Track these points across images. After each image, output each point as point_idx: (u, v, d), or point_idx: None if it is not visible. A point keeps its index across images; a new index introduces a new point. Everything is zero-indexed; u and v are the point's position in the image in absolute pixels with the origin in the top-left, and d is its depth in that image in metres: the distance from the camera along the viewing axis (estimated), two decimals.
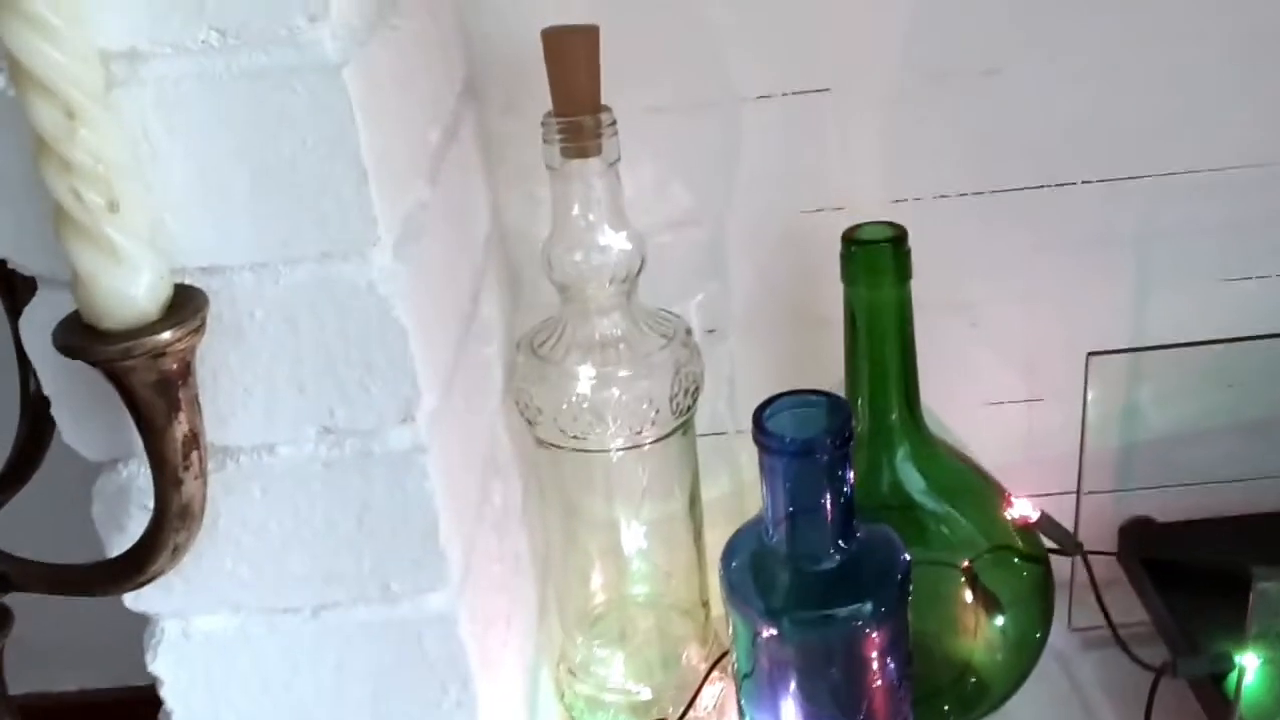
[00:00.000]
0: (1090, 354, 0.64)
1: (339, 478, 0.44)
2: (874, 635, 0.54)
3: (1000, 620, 0.66)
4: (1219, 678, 0.58)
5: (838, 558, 0.54)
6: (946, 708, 0.67)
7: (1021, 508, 0.63)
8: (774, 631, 0.54)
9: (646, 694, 0.66)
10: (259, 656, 0.47)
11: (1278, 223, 0.67)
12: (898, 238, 0.59)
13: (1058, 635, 0.70)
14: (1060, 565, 0.67)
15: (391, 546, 0.45)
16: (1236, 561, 0.63)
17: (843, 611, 0.53)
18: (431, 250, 0.48)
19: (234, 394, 0.43)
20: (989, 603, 0.67)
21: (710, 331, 0.70)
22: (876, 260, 0.59)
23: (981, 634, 0.67)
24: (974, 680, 0.67)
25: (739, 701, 0.59)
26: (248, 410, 0.44)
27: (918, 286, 0.62)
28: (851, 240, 0.60)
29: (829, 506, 0.53)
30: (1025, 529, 0.65)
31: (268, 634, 0.47)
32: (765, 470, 0.53)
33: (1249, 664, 0.57)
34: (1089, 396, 0.66)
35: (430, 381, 0.45)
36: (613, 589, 0.68)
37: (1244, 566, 0.64)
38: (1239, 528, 0.69)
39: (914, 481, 0.65)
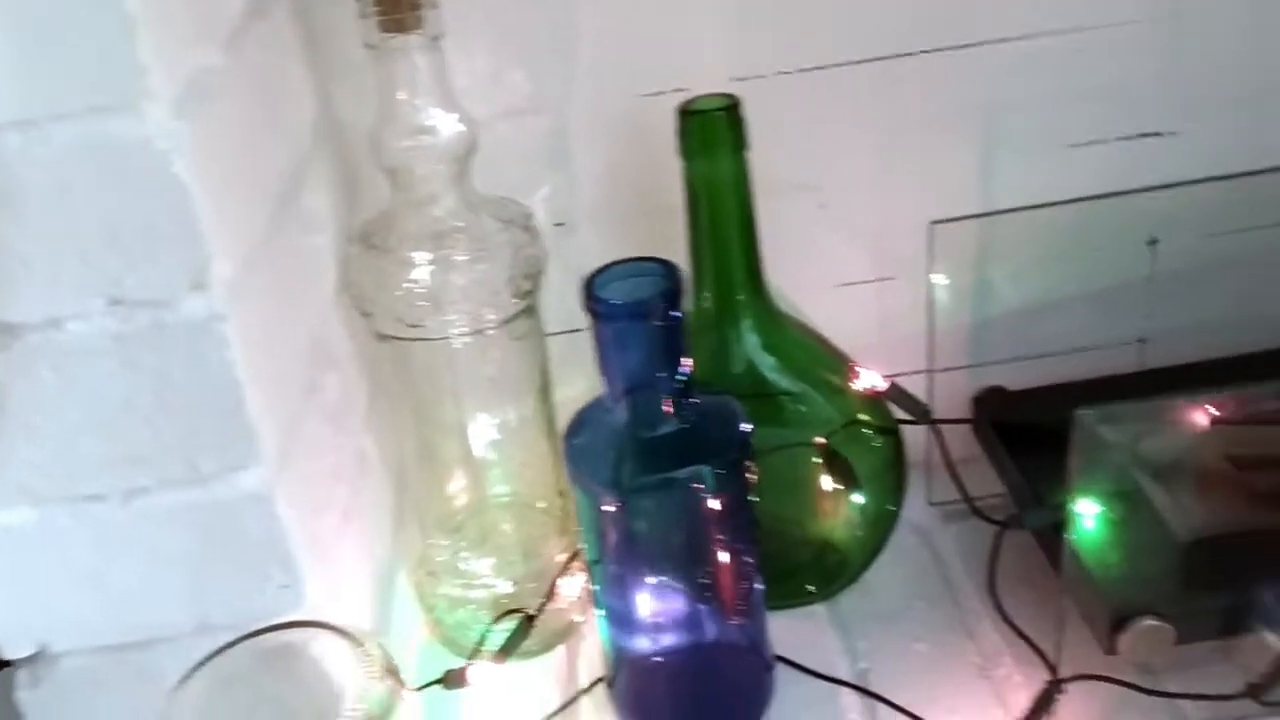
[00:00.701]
0: (933, 223, 0.65)
1: (133, 352, 0.42)
2: (715, 501, 0.54)
3: (858, 495, 0.67)
4: (1059, 527, 0.59)
5: (675, 424, 0.53)
6: (808, 585, 0.68)
7: (869, 378, 0.63)
8: (615, 503, 0.54)
9: (508, 588, 0.65)
10: (68, 549, 0.45)
11: (1122, 86, 0.68)
12: (732, 106, 0.59)
13: (918, 510, 0.71)
14: (920, 444, 0.68)
15: (195, 423, 0.43)
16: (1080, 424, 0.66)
17: (681, 474, 0.52)
18: (225, 116, 0.46)
19: (12, 266, 0.41)
20: (846, 478, 0.67)
21: (559, 225, 0.69)
22: (711, 130, 0.58)
23: (840, 510, 0.67)
24: (834, 556, 0.68)
25: (592, 588, 0.59)
26: (29, 283, 0.41)
27: (764, 168, 0.61)
28: (685, 111, 0.59)
29: (663, 371, 0.52)
30: (876, 400, 0.65)
31: (75, 525, 0.45)
32: (598, 338, 0.52)
33: (1084, 509, 0.59)
34: (934, 267, 0.66)
35: (225, 248, 0.43)
36: (471, 489, 0.67)
37: (1089, 429, 0.66)
38: (1089, 390, 0.69)
39: (765, 361, 0.64)
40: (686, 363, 0.53)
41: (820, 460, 0.66)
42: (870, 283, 0.71)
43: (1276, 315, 0.70)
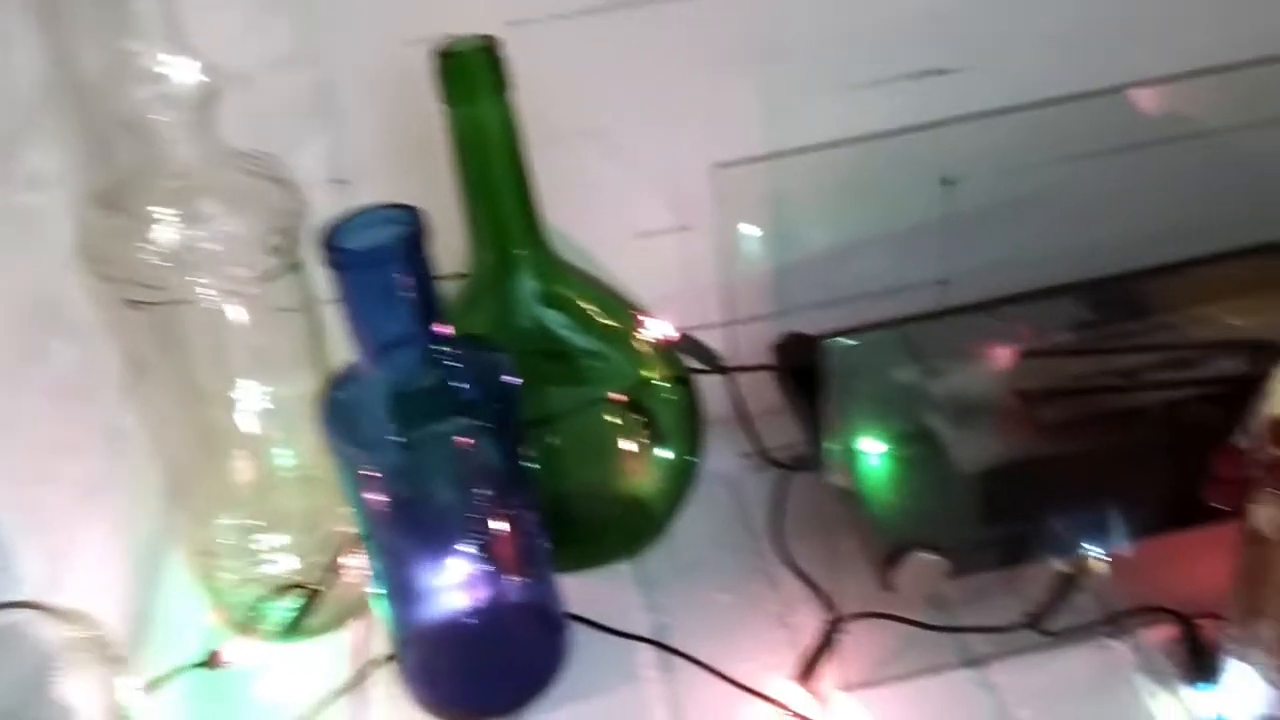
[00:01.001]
0: (714, 166, 0.63)
1: None
2: (481, 458, 0.52)
3: (661, 449, 0.65)
4: (844, 468, 0.58)
5: (434, 379, 0.51)
6: (615, 544, 0.67)
7: (658, 328, 0.62)
8: (373, 465, 0.51)
9: (295, 565, 0.62)
10: None
11: (902, 23, 0.66)
12: (488, 45, 0.56)
13: (729, 461, 0.70)
14: (730, 395, 0.68)
15: None
16: (875, 366, 0.64)
17: (439, 429, 0.50)
18: None
19: None
20: (648, 432, 0.66)
21: (338, 182, 0.66)
22: (469, 71, 0.56)
23: (643, 465, 0.66)
24: (640, 512, 0.66)
25: (370, 565, 0.57)
26: None
27: (548, 116, 0.59)
28: (441, 54, 0.57)
29: (413, 323, 0.50)
30: (669, 351, 0.64)
31: None
32: (341, 292, 0.49)
33: (869, 448, 0.58)
34: (726, 213, 0.65)
35: None
36: (252, 464, 0.63)
37: (881, 370, 0.65)
38: (893, 334, 0.68)
39: (553, 317, 0.62)
40: (440, 312, 0.51)
41: (620, 416, 0.65)
42: (669, 232, 0.69)
43: (1073, 249, 0.71)
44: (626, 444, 0.64)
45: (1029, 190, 0.71)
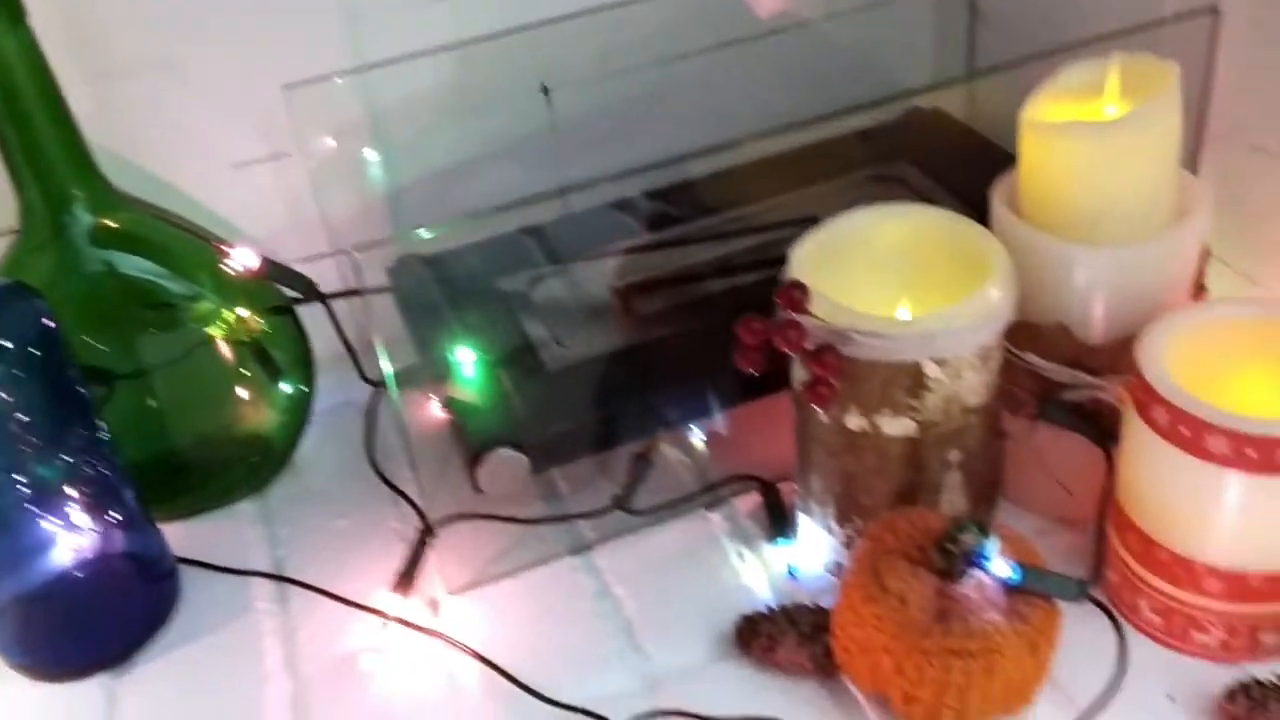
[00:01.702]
0: (285, 86, 0.62)
1: None
2: (23, 406, 0.49)
3: (272, 382, 0.64)
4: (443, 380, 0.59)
5: None
6: (237, 483, 0.65)
7: (242, 257, 0.60)
8: None
9: None
10: None
11: None
12: None
13: (360, 388, 0.69)
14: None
15: None
16: (483, 280, 0.65)
17: None
18: None
19: None
20: (258, 367, 0.65)
21: None
22: None
23: (256, 401, 0.65)
24: (259, 448, 0.65)
25: None
26: None
27: (114, 47, 0.56)
28: None
29: None
30: (263, 281, 0.63)
31: None
32: None
33: (462, 357, 0.59)
34: (313, 135, 0.64)
35: None
36: None
37: (488, 283, 0.66)
38: (499, 247, 0.68)
39: (127, 261, 0.59)
40: None
41: (225, 354, 0.63)
42: (264, 162, 0.67)
43: (679, 148, 0.73)
44: (235, 382, 0.63)
45: (632, 93, 0.73)
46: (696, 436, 0.63)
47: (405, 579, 0.55)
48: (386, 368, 0.52)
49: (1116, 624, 0.48)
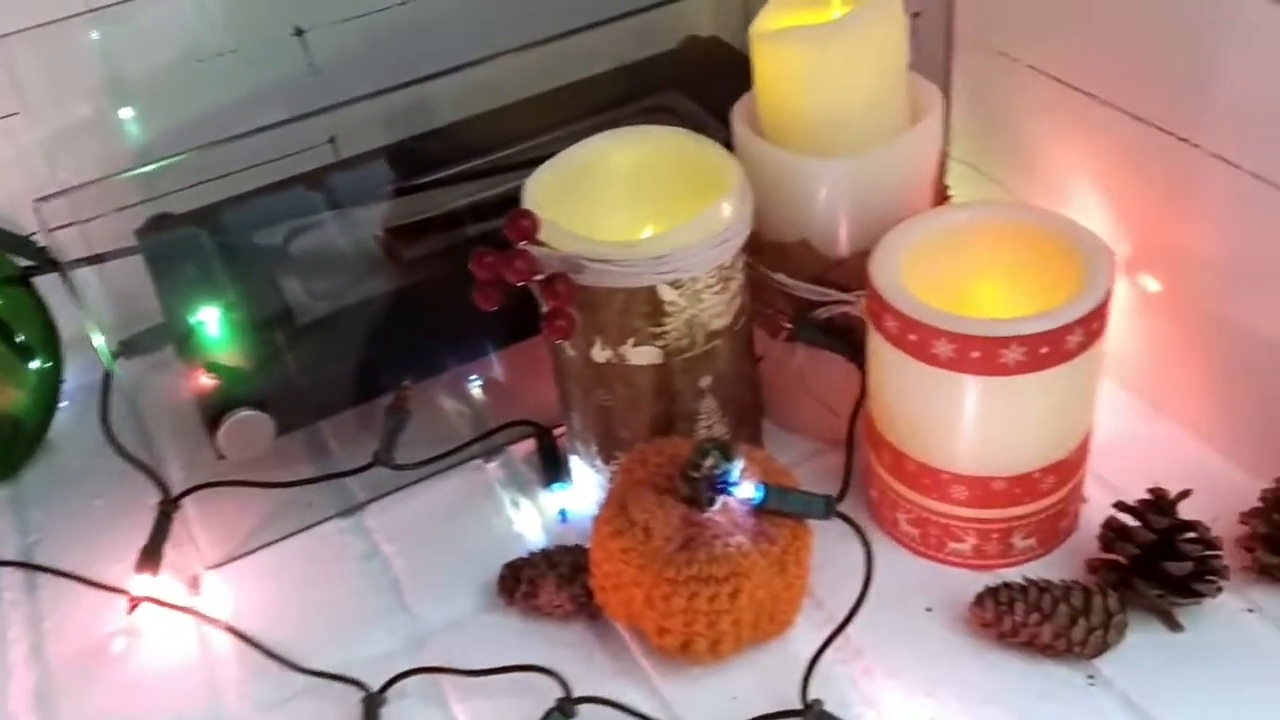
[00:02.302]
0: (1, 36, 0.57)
1: None
2: None
3: (26, 360, 0.60)
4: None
5: None
6: None
7: None
8: None
9: None
10: None
11: None
12: None
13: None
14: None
15: None
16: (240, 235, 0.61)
17: None
18: None
19: None
20: (13, 346, 0.60)
21: None
22: None
23: (11, 380, 0.61)
24: (10, 425, 0.61)
25: None
26: None
27: None
28: None
29: None
30: None
31: None
32: None
33: (207, 317, 0.56)
34: (29, 95, 0.59)
35: None
36: None
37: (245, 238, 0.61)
38: (263, 200, 0.64)
39: None
40: None
41: None
42: None
43: (442, 93, 0.70)
44: None
45: (387, 35, 0.70)
46: (472, 384, 0.61)
47: (149, 556, 0.52)
48: (97, 340, 0.49)
49: (864, 537, 0.47)
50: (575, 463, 0.55)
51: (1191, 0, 0.45)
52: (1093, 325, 0.44)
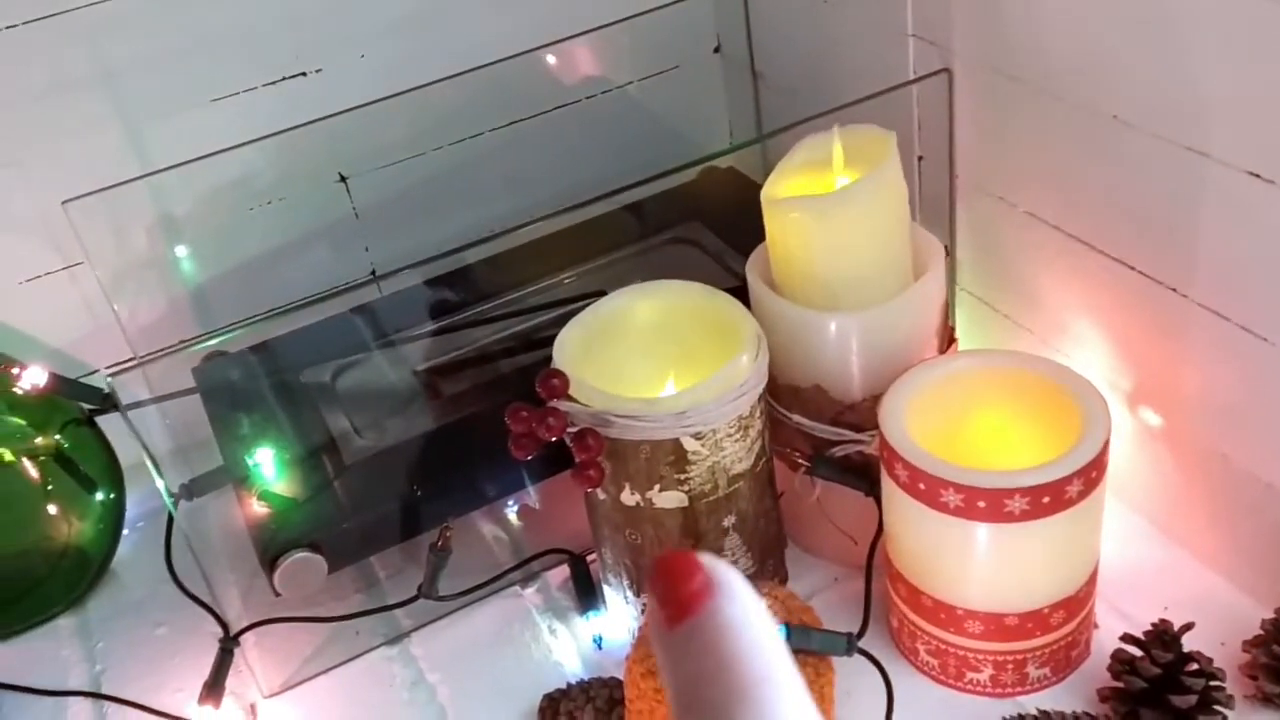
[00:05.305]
0: (64, 202, 0.62)
1: None
2: None
3: (81, 494, 0.64)
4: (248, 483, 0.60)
5: None
6: (53, 596, 0.64)
7: (32, 376, 0.60)
8: None
9: None
10: None
11: (249, 33, 0.67)
12: None
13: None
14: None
15: None
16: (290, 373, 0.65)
17: None
18: None
19: None
20: (78, 479, 0.64)
21: None
22: None
23: (66, 513, 0.64)
24: (73, 560, 0.64)
25: None
26: None
27: None
28: None
29: None
30: (53, 397, 0.62)
31: None
32: None
33: (262, 456, 0.59)
34: (90, 245, 0.63)
35: None
36: None
37: (294, 376, 0.64)
38: (307, 337, 0.67)
39: None
40: None
41: (30, 471, 0.63)
42: (57, 272, 0.67)
43: (481, 225, 0.74)
44: (42, 497, 0.63)
45: (426, 175, 0.74)
46: (508, 513, 0.64)
47: (211, 691, 0.55)
48: (159, 483, 0.53)
49: (884, 674, 0.50)
50: (608, 591, 0.58)
51: (1175, 165, 0.48)
52: (1091, 474, 0.46)
